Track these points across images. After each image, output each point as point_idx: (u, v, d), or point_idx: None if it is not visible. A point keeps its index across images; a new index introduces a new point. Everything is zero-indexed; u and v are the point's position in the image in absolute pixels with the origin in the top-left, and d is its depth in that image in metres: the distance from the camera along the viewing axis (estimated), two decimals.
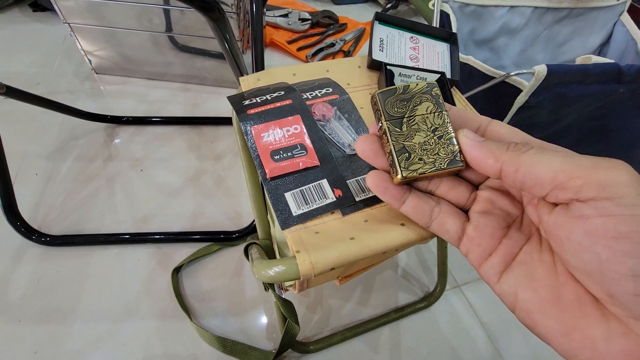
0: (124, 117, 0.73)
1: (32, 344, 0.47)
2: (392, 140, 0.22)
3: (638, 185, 0.15)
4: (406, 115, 0.22)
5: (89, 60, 0.79)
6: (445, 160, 0.21)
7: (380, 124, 0.23)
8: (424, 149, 0.21)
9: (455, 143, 0.21)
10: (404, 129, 0.22)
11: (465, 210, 0.23)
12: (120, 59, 0.79)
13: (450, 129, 0.22)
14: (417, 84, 0.22)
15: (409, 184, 0.23)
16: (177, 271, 0.55)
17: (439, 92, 0.22)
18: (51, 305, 0.51)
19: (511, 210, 0.21)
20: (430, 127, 0.22)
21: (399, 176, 0.21)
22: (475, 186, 0.23)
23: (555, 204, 0.18)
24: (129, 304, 0.52)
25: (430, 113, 0.22)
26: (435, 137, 0.22)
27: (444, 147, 0.21)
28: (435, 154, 0.21)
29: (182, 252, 0.57)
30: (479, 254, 0.21)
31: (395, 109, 0.22)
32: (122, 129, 0.73)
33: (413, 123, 0.22)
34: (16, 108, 0.71)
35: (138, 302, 0.52)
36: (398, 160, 0.21)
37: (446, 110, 0.22)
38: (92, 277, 0.54)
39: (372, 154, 0.23)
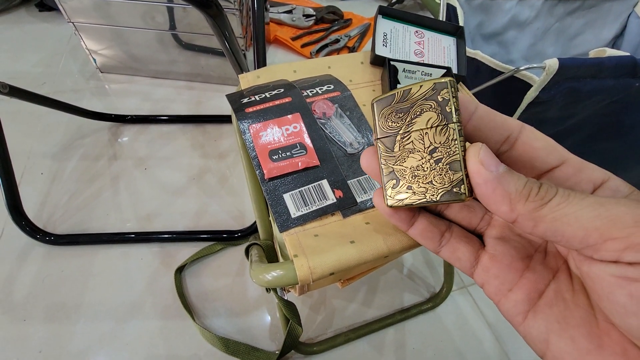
0: (128, 115, 0.73)
1: (37, 343, 0.47)
2: (381, 162, 0.19)
3: None
4: (400, 132, 0.18)
5: (94, 59, 0.79)
6: (440, 191, 0.17)
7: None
8: (415, 176, 0.18)
9: (459, 169, 0.17)
10: (396, 149, 0.19)
11: (477, 234, 0.20)
12: (125, 57, 0.79)
13: (457, 149, 0.17)
14: (420, 86, 0.18)
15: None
16: (180, 271, 0.54)
17: (449, 95, 0.17)
18: (55, 304, 0.51)
19: (533, 237, 0.19)
20: (428, 147, 0.18)
21: (386, 203, 0.19)
22: None
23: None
24: (132, 303, 0.52)
25: (430, 128, 0.18)
26: (432, 161, 0.18)
27: (440, 175, 0.17)
28: (427, 183, 0.18)
29: (185, 251, 0.57)
30: (497, 287, 0.18)
31: (390, 123, 0.19)
32: (127, 128, 0.73)
33: (407, 142, 0.18)
34: (23, 108, 0.71)
35: (142, 301, 0.52)
36: (385, 186, 0.19)
37: (456, 122, 0.17)
38: (96, 276, 0.54)
39: (378, 172, 0.20)
